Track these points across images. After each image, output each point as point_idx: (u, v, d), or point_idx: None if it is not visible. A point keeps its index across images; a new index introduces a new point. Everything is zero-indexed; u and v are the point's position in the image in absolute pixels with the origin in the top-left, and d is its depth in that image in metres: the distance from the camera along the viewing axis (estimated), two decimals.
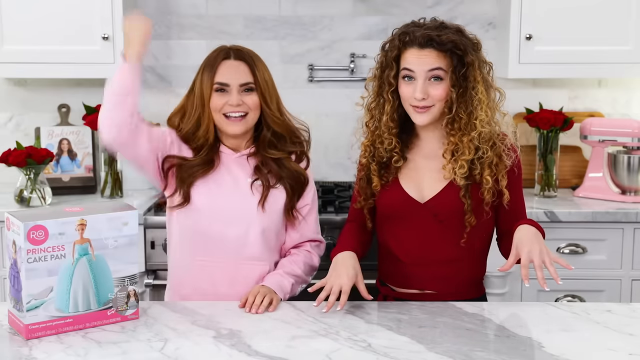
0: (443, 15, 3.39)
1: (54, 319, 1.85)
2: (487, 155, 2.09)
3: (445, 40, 2.05)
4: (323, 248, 2.38)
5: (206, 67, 2.22)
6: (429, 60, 2.06)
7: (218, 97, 2.19)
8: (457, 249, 2.14)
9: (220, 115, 2.20)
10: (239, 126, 2.20)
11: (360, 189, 2.22)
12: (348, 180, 3.50)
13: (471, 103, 2.07)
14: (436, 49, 2.06)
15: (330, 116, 3.55)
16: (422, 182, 2.16)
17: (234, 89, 2.19)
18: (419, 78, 2.07)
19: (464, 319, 1.98)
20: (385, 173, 2.18)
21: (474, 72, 2.07)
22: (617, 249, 3.05)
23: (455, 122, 2.08)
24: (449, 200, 2.11)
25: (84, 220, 1.86)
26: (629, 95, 3.56)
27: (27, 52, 3.19)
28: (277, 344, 1.81)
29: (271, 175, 2.24)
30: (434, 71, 2.06)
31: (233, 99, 2.18)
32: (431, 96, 2.07)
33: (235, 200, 2.21)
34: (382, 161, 2.17)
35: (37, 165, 3.05)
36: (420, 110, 2.09)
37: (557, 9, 3.21)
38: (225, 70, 2.20)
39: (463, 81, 2.07)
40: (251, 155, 2.26)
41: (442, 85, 2.07)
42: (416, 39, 2.07)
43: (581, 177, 3.41)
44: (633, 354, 1.77)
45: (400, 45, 2.10)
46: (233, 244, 2.20)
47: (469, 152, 2.08)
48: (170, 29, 3.51)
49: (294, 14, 3.51)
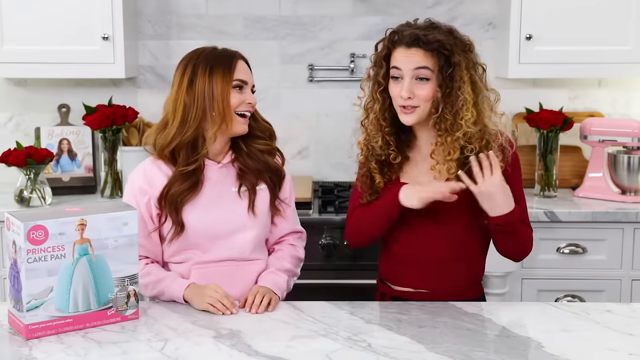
0: (443, 15, 3.41)
1: (54, 319, 1.85)
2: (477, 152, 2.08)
3: (432, 39, 2.06)
4: (304, 238, 2.38)
5: (217, 65, 2.17)
6: (415, 59, 2.06)
7: (236, 96, 2.17)
8: (453, 248, 2.14)
9: (234, 114, 2.19)
10: (246, 125, 2.21)
11: (364, 185, 2.21)
12: (348, 180, 3.50)
13: (457, 103, 2.06)
14: (422, 48, 2.06)
15: (330, 116, 3.55)
16: (421, 179, 2.16)
17: (248, 87, 2.21)
18: (405, 77, 2.07)
19: (464, 319, 1.98)
20: (387, 171, 2.17)
21: (461, 72, 2.06)
22: (617, 249, 3.05)
23: (441, 123, 2.09)
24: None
25: (84, 220, 1.86)
26: (629, 95, 3.56)
27: (27, 52, 3.19)
28: (277, 344, 1.81)
29: (253, 175, 2.23)
30: (419, 70, 2.06)
31: (250, 97, 2.20)
32: (417, 96, 2.07)
33: (226, 211, 2.20)
34: (381, 159, 2.17)
35: (37, 165, 3.05)
36: (406, 111, 2.10)
37: (557, 9, 3.21)
38: (241, 69, 2.20)
39: (449, 81, 2.07)
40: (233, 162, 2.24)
41: (428, 85, 2.07)
42: (404, 38, 2.08)
43: (581, 177, 3.41)
44: (633, 354, 1.77)
45: (389, 45, 2.11)
46: (229, 251, 2.20)
47: (453, 152, 2.08)
48: (170, 29, 3.51)
49: (294, 14, 3.51)
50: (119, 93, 3.49)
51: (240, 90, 2.19)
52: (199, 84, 2.17)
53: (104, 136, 3.25)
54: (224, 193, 2.21)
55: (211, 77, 2.17)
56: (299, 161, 3.56)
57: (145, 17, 3.50)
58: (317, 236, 2.92)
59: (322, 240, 2.94)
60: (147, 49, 3.52)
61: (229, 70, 2.18)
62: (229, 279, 2.19)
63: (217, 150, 2.23)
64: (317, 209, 3.07)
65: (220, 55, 2.21)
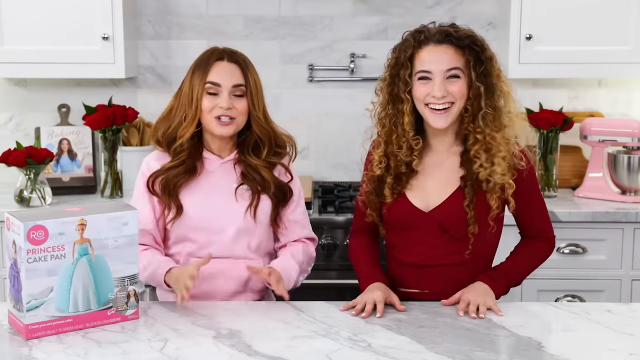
0: (443, 15, 3.41)
1: (54, 319, 1.85)
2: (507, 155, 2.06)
3: (463, 35, 2.04)
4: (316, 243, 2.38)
5: (198, 67, 2.20)
6: (446, 58, 2.03)
7: (209, 99, 2.17)
8: (459, 256, 2.12)
9: (211, 117, 2.18)
10: (227, 129, 2.18)
11: (369, 201, 2.18)
12: (348, 180, 3.50)
13: (498, 98, 2.05)
14: (454, 44, 2.04)
15: (330, 116, 3.55)
16: (428, 191, 2.13)
17: (225, 90, 2.17)
18: (436, 77, 2.03)
19: (464, 319, 1.98)
20: (397, 185, 2.14)
21: (496, 65, 2.06)
22: (617, 249, 3.05)
23: (483, 119, 2.05)
24: (452, 209, 2.09)
25: (84, 220, 1.86)
26: (629, 95, 3.56)
27: (27, 52, 3.19)
28: (277, 344, 1.81)
29: (256, 182, 2.23)
30: (451, 71, 2.04)
31: (224, 101, 2.16)
32: (450, 93, 2.04)
33: (223, 206, 2.21)
34: (399, 171, 2.12)
35: (37, 165, 3.05)
36: (439, 112, 2.05)
37: (557, 9, 3.21)
38: (219, 71, 2.18)
39: (484, 77, 2.04)
40: (237, 162, 2.25)
41: (460, 82, 2.04)
42: (433, 36, 2.05)
43: (581, 177, 3.41)
44: (633, 354, 1.77)
45: (415, 44, 2.06)
46: (224, 248, 2.20)
47: (503, 149, 2.05)
48: (170, 29, 3.50)
49: (294, 14, 3.51)
50: (119, 93, 3.49)
51: (212, 95, 2.17)
52: (184, 85, 2.23)
53: (104, 136, 3.25)
54: (224, 187, 2.22)
55: (192, 79, 2.19)
56: (299, 161, 3.51)
57: (145, 17, 3.50)
58: (317, 236, 2.91)
59: (322, 240, 2.95)
60: (147, 49, 3.52)
61: (204, 72, 2.18)
62: (224, 276, 2.20)
63: (218, 146, 2.24)
64: (317, 209, 3.07)
65: (204, 56, 2.22)
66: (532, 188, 2.16)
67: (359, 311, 1.99)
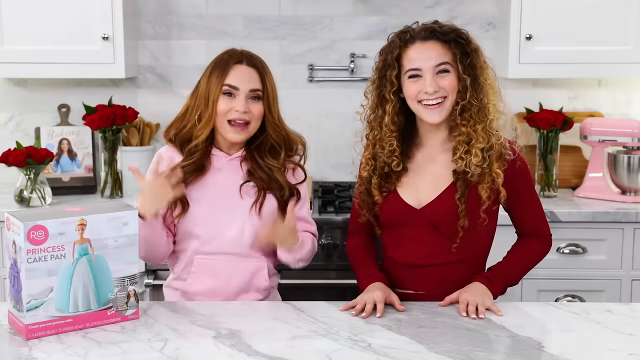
0: (443, 15, 3.42)
1: (54, 319, 1.85)
2: (495, 145, 2.07)
3: (447, 30, 2.06)
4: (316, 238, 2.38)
5: (216, 68, 2.20)
6: (434, 54, 2.06)
7: (225, 102, 2.17)
8: (452, 255, 2.13)
9: (224, 121, 2.18)
10: (240, 135, 2.19)
11: (362, 202, 2.21)
12: (348, 180, 3.50)
13: (482, 90, 2.06)
14: (440, 39, 2.06)
15: (330, 116, 3.55)
16: (420, 188, 2.15)
17: (243, 94, 2.18)
18: (426, 73, 2.06)
19: (464, 319, 1.98)
20: (385, 184, 2.16)
21: (481, 58, 2.08)
22: (617, 249, 3.05)
23: (467, 111, 2.07)
24: (444, 206, 2.10)
25: (84, 220, 1.86)
26: (629, 95, 3.56)
27: (27, 52, 3.19)
28: (277, 344, 1.81)
29: (262, 181, 2.23)
30: (440, 66, 2.06)
31: (240, 104, 2.17)
32: (442, 87, 2.06)
33: (228, 203, 2.21)
34: (383, 172, 2.15)
35: (37, 165, 3.05)
36: (432, 107, 2.07)
37: (557, 9, 3.21)
38: (237, 74, 2.18)
39: (471, 69, 2.06)
40: (244, 159, 2.26)
41: (451, 76, 2.07)
42: (418, 34, 2.08)
43: (581, 177, 3.41)
44: (633, 354, 1.77)
45: (401, 44, 2.09)
46: (228, 245, 2.21)
47: (482, 140, 2.06)
48: (170, 29, 3.50)
49: (294, 14, 3.51)
50: (119, 93, 3.49)
51: (229, 97, 2.18)
52: (201, 86, 2.23)
53: (104, 136, 3.25)
54: (230, 184, 2.23)
55: (210, 77, 2.19)
56: None
57: (145, 17, 3.50)
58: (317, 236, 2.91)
59: (322, 240, 2.94)
60: (147, 49, 3.52)
61: (222, 74, 2.18)
62: (228, 273, 2.21)
63: (229, 145, 2.24)
64: (317, 209, 3.07)
65: (223, 58, 2.22)
66: (524, 181, 2.17)
67: (359, 311, 2.00)
